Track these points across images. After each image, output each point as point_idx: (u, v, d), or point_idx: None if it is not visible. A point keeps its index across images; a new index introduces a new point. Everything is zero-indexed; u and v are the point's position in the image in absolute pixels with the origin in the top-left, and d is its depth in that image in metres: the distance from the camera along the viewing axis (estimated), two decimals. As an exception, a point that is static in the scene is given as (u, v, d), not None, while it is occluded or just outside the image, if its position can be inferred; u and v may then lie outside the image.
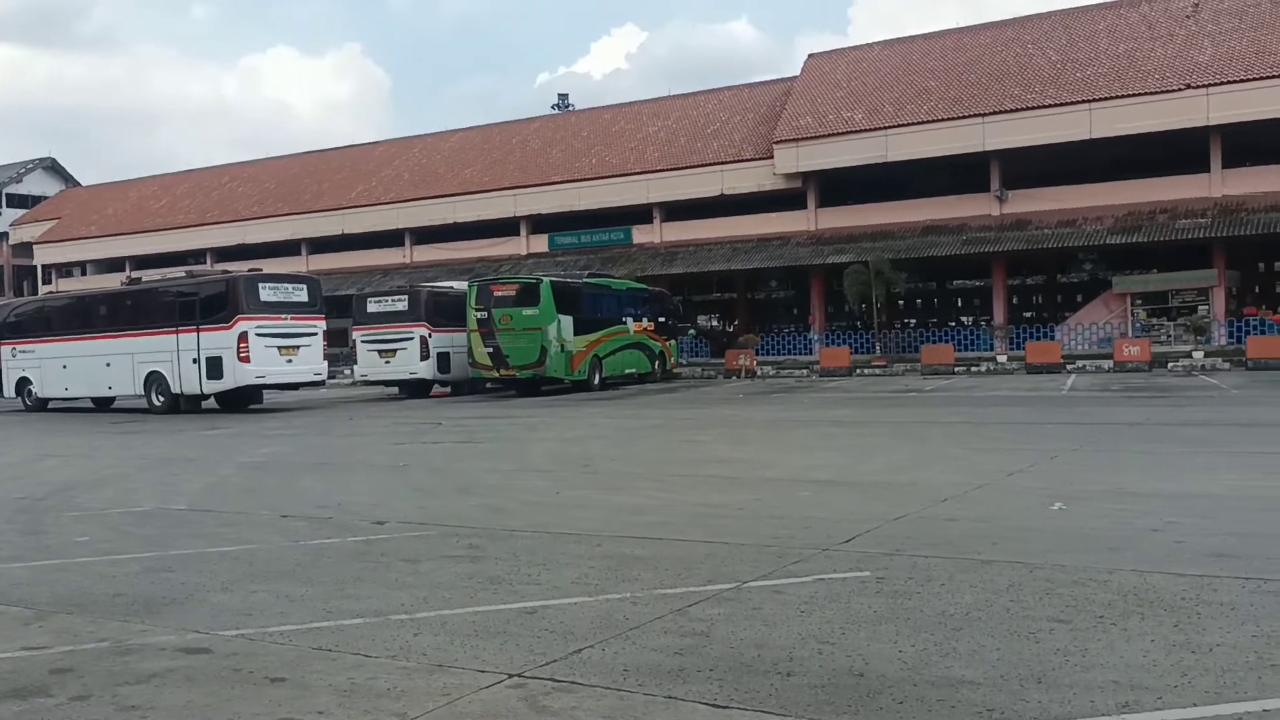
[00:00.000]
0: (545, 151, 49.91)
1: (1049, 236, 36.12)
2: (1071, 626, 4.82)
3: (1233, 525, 7.18)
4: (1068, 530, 7.15)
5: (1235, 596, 5.27)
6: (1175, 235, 34.00)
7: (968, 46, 42.00)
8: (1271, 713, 3.70)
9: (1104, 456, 11.47)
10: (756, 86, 48.46)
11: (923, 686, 4.09)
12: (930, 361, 33.18)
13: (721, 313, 51.82)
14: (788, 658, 4.49)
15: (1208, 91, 34.16)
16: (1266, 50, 34.64)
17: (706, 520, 8.03)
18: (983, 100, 38.42)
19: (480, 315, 27.43)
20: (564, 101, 64.52)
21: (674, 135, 46.82)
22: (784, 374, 35.14)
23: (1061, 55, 38.98)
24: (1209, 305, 35.05)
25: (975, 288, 43.63)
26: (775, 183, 41.89)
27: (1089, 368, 30.91)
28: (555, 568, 6.48)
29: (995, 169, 38.29)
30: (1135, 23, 39.01)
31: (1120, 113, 35.18)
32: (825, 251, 39.81)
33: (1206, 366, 29.76)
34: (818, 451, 12.97)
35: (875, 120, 40.04)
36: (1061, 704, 3.84)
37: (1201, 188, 35.24)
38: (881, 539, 7.01)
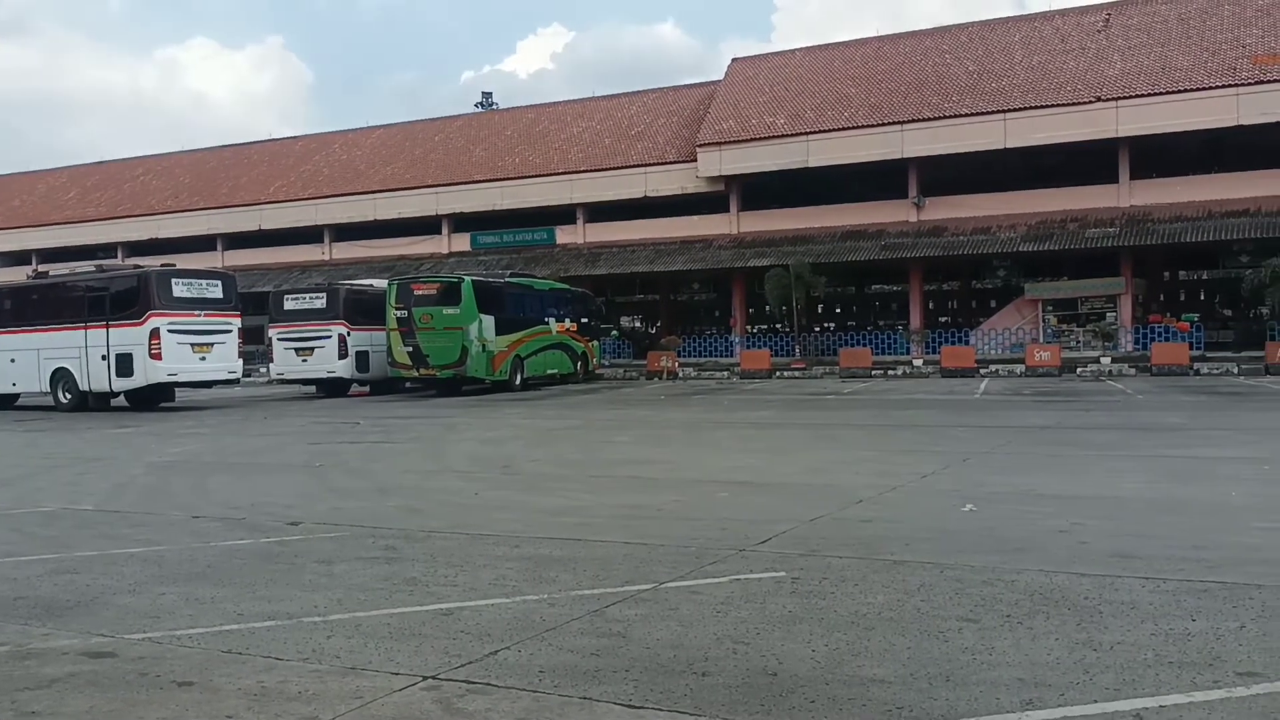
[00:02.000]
0: (468, 150, 49.60)
1: (964, 243, 36.85)
2: (980, 625, 4.93)
3: (1135, 526, 7.40)
4: (978, 531, 7.31)
5: (1136, 596, 5.43)
6: (1085, 243, 34.95)
7: (888, 55, 42.69)
8: (1168, 708, 3.82)
9: (1014, 459, 11.74)
10: (681, 89, 48.71)
11: (834, 685, 4.15)
12: (848, 365, 33.63)
13: (644, 314, 51.93)
14: (703, 658, 4.53)
15: (1117, 104, 35.16)
16: (1172, 66, 35.76)
17: (625, 521, 8.05)
18: (902, 108, 39.08)
19: (400, 314, 27.16)
20: (488, 100, 64.09)
21: (598, 136, 46.83)
22: (705, 376, 35.35)
23: (978, 66, 39.82)
24: (1116, 312, 36.07)
25: (893, 292, 44.31)
26: (698, 186, 42.14)
27: (1002, 372, 31.60)
28: (473, 569, 6.45)
29: (913, 176, 38.98)
30: (1049, 36, 40.01)
31: (1034, 123, 36.05)
32: (747, 255, 40.13)
33: (1113, 372, 30.60)
34: (737, 453, 13.08)
35: (797, 126, 40.50)
36: (968, 702, 3.93)
37: (1110, 198, 36.26)
38: (797, 540, 7.10)
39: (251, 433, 18.02)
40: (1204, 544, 6.69)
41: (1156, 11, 38.82)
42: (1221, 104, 33.75)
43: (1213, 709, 3.80)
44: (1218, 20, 37.06)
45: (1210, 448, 12.32)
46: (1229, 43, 35.81)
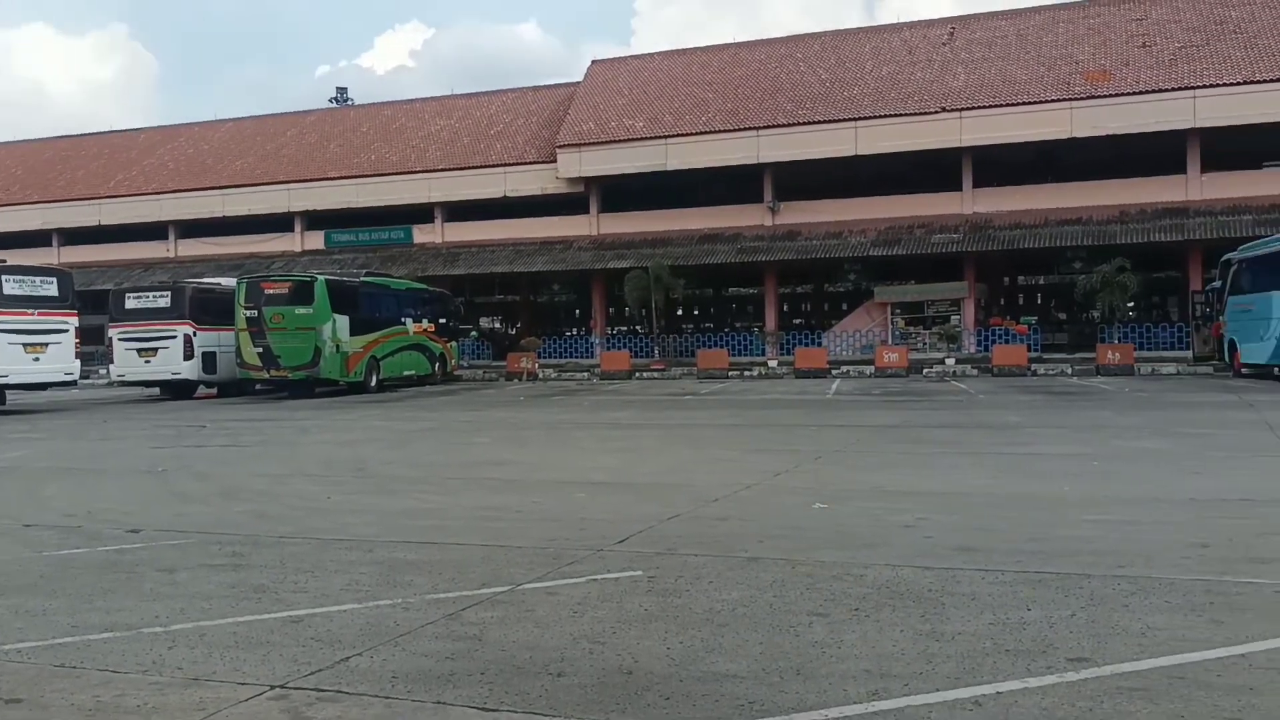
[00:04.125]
0: (323, 146, 48.47)
1: (817, 247, 37.78)
2: (829, 619, 5.06)
3: (977, 521, 7.69)
4: (829, 528, 7.49)
5: (976, 587, 5.65)
6: (931, 249, 36.25)
7: (744, 61, 43.46)
8: (1004, 694, 3.99)
9: (864, 457, 12.08)
10: (541, 90, 48.62)
11: (688, 682, 4.20)
12: (706, 366, 34.07)
13: (504, 315, 51.67)
14: (559, 658, 4.52)
15: (961, 115, 36.58)
16: (1012, 79, 37.40)
17: (482, 523, 7.98)
18: (758, 114, 39.85)
19: (250, 314, 26.36)
20: (343, 95, 62.69)
21: (457, 135, 46.37)
22: (565, 377, 35.33)
23: (831, 75, 40.89)
24: (960, 315, 37.51)
25: (749, 295, 45.12)
26: (558, 186, 42.16)
27: (852, 373, 32.47)
28: (324, 575, 6.30)
29: (769, 181, 39.79)
30: (897, 47, 41.36)
31: (883, 131, 37.24)
32: (607, 256, 40.30)
33: (957, 372, 31.78)
34: (596, 454, 13.11)
35: (656, 129, 40.89)
36: (817, 694, 4.03)
37: (955, 205, 37.71)
38: (654, 539, 7.16)
39: (90, 437, 17.21)
40: (1039, 537, 7.00)
41: (997, 26, 40.57)
42: (1056, 116, 35.48)
43: (1045, 694, 3.98)
44: (1053, 37, 38.94)
45: (1046, 445, 12.91)
46: (1063, 58, 37.66)
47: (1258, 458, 10.93)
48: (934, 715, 3.81)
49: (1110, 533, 7.09)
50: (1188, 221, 33.95)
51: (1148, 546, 6.61)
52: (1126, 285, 33.33)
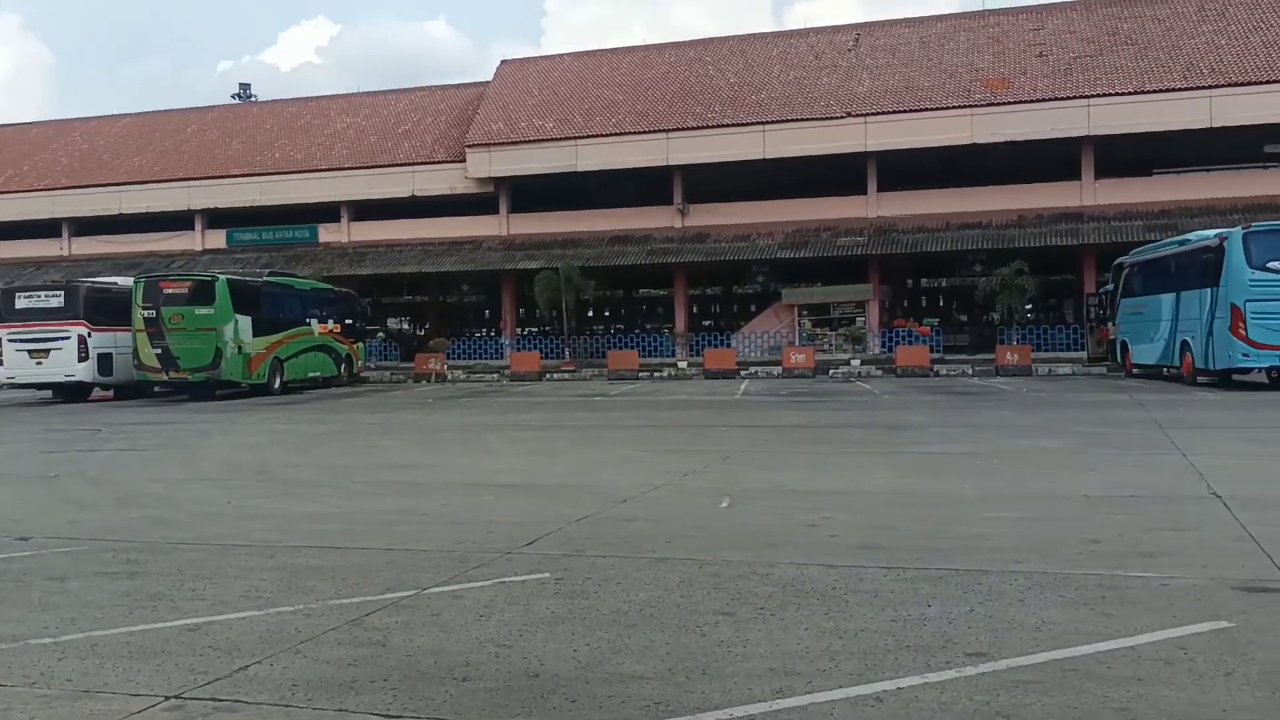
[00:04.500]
0: (225, 143, 47.42)
1: (726, 249, 38.11)
2: (735, 618, 5.10)
3: (880, 519, 7.83)
4: (736, 527, 7.56)
5: (879, 585, 5.74)
6: (837, 251, 36.83)
7: (654, 64, 43.65)
8: (904, 690, 4.06)
9: (771, 457, 12.21)
10: (450, 89, 48.23)
11: (595, 684, 4.19)
12: (616, 367, 34.11)
13: (412, 316, 51.11)
14: (464, 663, 4.48)
15: (865, 120, 37.25)
16: (915, 86, 38.18)
17: (388, 527, 7.88)
18: (667, 116, 40.07)
19: (148, 314, 25.65)
20: (246, 92, 61.31)
21: (364, 133, 45.75)
22: (475, 378, 35.07)
23: (739, 78, 41.29)
24: (865, 317, 38.16)
25: (660, 296, 45.32)
26: (468, 186, 41.88)
27: (761, 374, 32.79)
28: (223, 581, 6.15)
29: (678, 183, 40.02)
30: (804, 52, 41.93)
31: (790, 135, 37.73)
32: (517, 257, 40.14)
33: (862, 373, 32.31)
34: (504, 456, 13.03)
35: (565, 130, 40.86)
36: (722, 693, 4.05)
37: (860, 208, 38.36)
38: (562, 541, 7.14)
39: (-24, 442, 16.58)
40: (940, 534, 7.15)
41: (901, 34, 41.37)
42: (958, 123, 36.34)
43: (944, 688, 4.06)
44: (954, 44, 39.85)
45: (946, 444, 13.19)
46: (964, 66, 38.58)
47: (1147, 455, 11.30)
48: (836, 712, 3.86)
49: (1007, 529, 7.27)
50: (1082, 226, 35.03)
51: (1043, 542, 6.79)
52: (1024, 288, 34.23)
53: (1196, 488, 8.82)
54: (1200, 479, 9.26)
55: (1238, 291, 20.78)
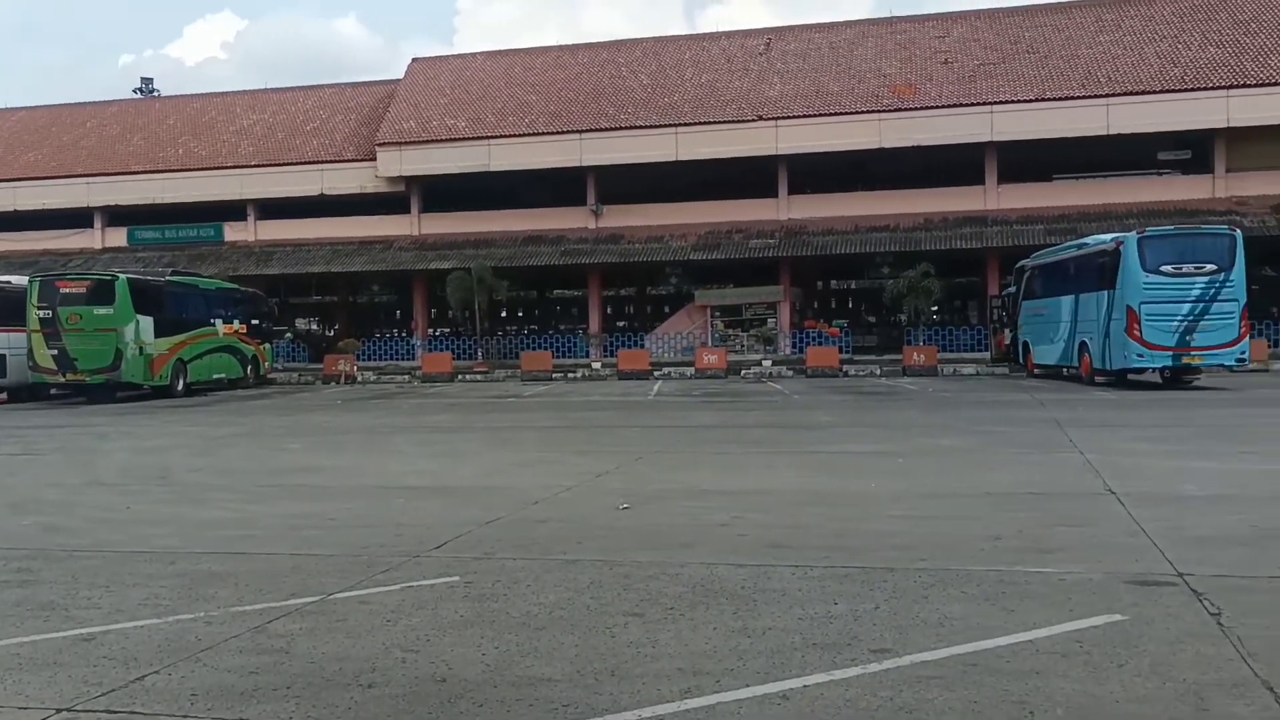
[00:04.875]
0: (125, 138, 46.11)
1: (640, 250, 38.21)
2: (644, 619, 5.11)
3: (789, 518, 7.92)
4: (647, 528, 7.57)
5: (787, 583, 5.81)
6: (749, 253, 37.16)
7: (567, 65, 43.58)
8: (811, 687, 4.11)
9: (682, 457, 12.27)
10: (360, 86, 47.51)
11: (503, 687, 4.17)
12: (530, 368, 33.97)
13: (321, 316, 50.21)
14: (370, 669, 4.42)
15: (776, 124, 37.67)
16: (825, 91, 38.72)
17: (294, 532, 7.74)
18: (580, 117, 40.05)
19: (44, 314, 24.82)
20: (149, 86, 59.62)
21: (271, 130, 44.89)
22: (385, 379, 34.63)
23: (652, 80, 41.44)
24: (776, 318, 38.57)
25: (574, 297, 45.20)
26: (378, 185, 41.36)
27: (674, 374, 32.94)
28: (120, 589, 5.98)
29: (592, 184, 40.01)
30: (716, 55, 42.24)
31: (703, 138, 37.98)
32: (429, 257, 39.76)
33: (773, 374, 32.63)
34: (415, 458, 12.89)
35: (478, 129, 40.60)
36: (631, 694, 4.06)
37: (771, 211, 38.77)
38: (473, 543, 7.08)
39: None
40: (847, 532, 7.26)
41: (811, 39, 41.91)
42: (866, 128, 36.94)
43: (849, 685, 4.12)
44: (863, 50, 40.50)
45: (854, 443, 13.40)
46: (873, 72, 39.23)
47: (1047, 454, 11.61)
48: (744, 711, 3.89)
49: (913, 527, 7.42)
50: (986, 229, 35.86)
51: (947, 540, 6.94)
52: (930, 290, 34.91)
53: (1093, 485, 9.08)
54: (1097, 476, 9.54)
55: (1133, 294, 21.47)
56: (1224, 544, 6.61)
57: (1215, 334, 21.28)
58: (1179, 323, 21.23)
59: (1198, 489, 8.76)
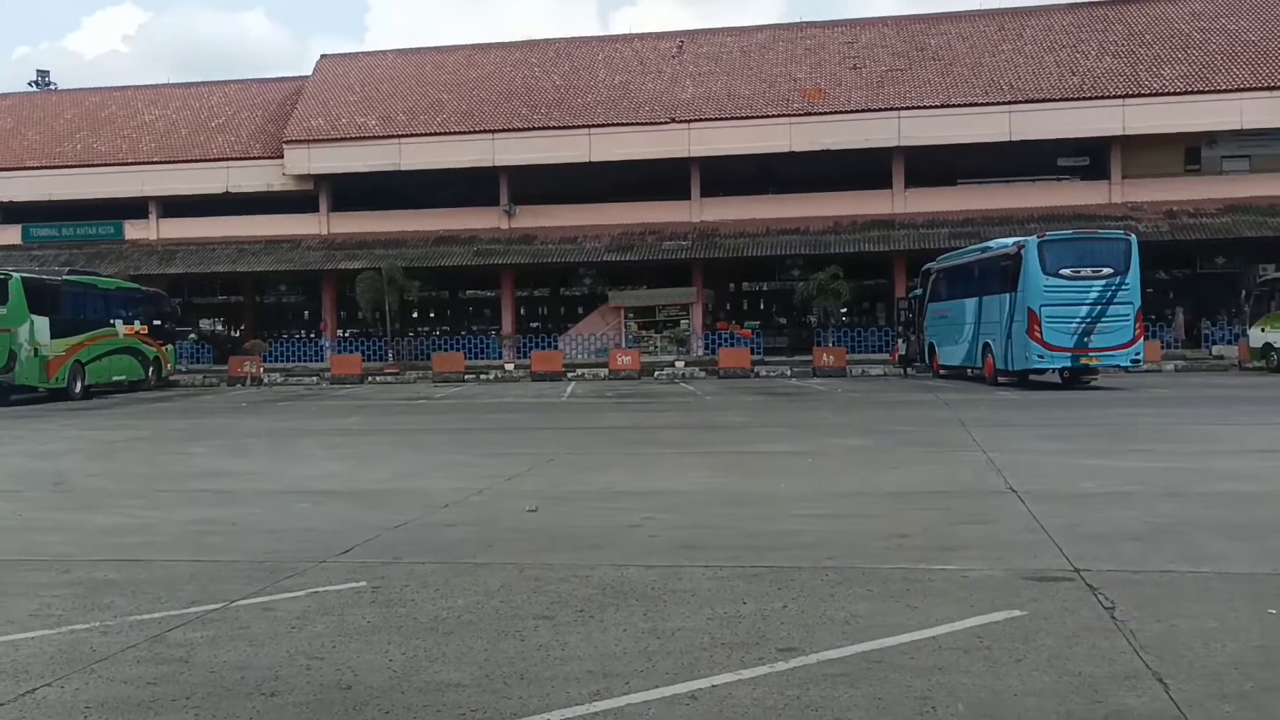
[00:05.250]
0: (19, 132, 44.59)
1: (553, 251, 38.13)
2: (554, 622, 5.10)
3: (699, 519, 7.96)
4: (558, 530, 7.56)
5: (697, 584, 5.84)
6: (662, 255, 37.33)
7: (480, 64, 43.29)
8: (719, 687, 4.14)
9: (595, 459, 12.27)
10: (267, 83, 46.61)
11: (410, 694, 4.12)
12: (442, 369, 33.66)
13: (227, 317, 49.13)
14: (273, 677, 4.34)
15: (689, 126, 37.89)
16: (736, 94, 39.07)
17: (196, 538, 7.55)
18: (493, 117, 39.82)
19: (-68, 314, 23.90)
20: (45, 79, 57.65)
21: (174, 126, 43.80)
22: (293, 381, 34.03)
23: (565, 81, 41.38)
24: (689, 319, 38.80)
25: (487, 298, 44.89)
26: (286, 184, 40.61)
27: (587, 375, 32.94)
28: (9, 599, 5.77)
29: (505, 184, 39.80)
30: (629, 57, 42.32)
31: (616, 139, 38.02)
32: (338, 257, 39.18)
33: (686, 375, 32.83)
34: (322, 461, 12.67)
35: (389, 128, 40.12)
36: (540, 698, 4.04)
37: (684, 213, 38.97)
38: (381, 548, 6.99)
39: None
40: (756, 532, 7.33)
41: (723, 42, 42.24)
42: (777, 131, 37.36)
43: (757, 684, 4.16)
44: (774, 54, 40.94)
45: (765, 443, 13.54)
46: (783, 76, 39.68)
47: (950, 453, 11.86)
48: (653, 712, 3.91)
49: (820, 526, 7.52)
50: (893, 233, 36.53)
51: (853, 538, 7.05)
52: (840, 292, 35.43)
53: (995, 483, 9.30)
54: (998, 475, 9.77)
55: (1034, 296, 22.05)
56: (1118, 540, 6.82)
57: (1112, 335, 21.95)
58: (1077, 325, 21.85)
59: (1094, 486, 9.03)
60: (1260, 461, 10.49)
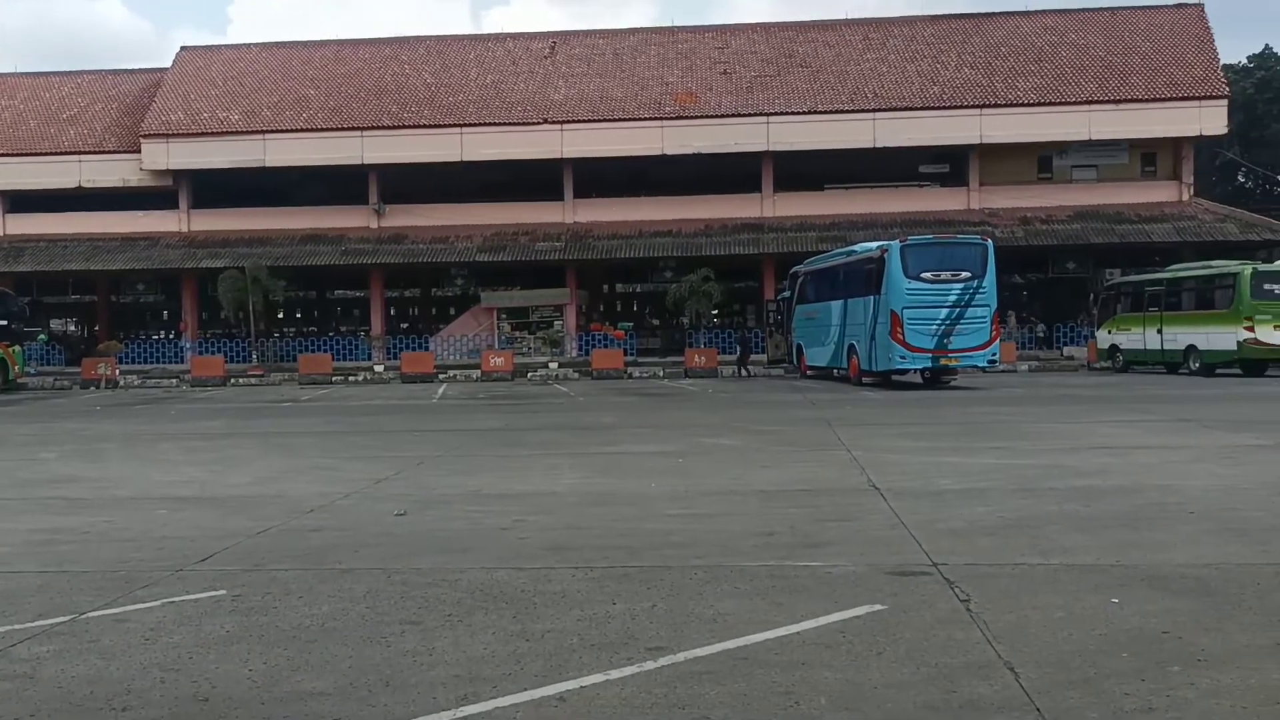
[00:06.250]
0: None
1: (424, 251, 37.68)
2: (422, 627, 5.03)
3: (569, 520, 7.96)
4: (427, 534, 7.46)
5: (566, 585, 5.84)
6: (535, 256, 37.26)
7: (348, 60, 42.48)
8: (588, 688, 4.15)
9: (466, 461, 12.14)
10: (123, 74, 44.90)
11: (271, 704, 4.02)
12: (308, 371, 32.93)
13: (80, 317, 47.10)
14: (125, 691, 4.18)
15: (562, 128, 37.90)
16: (609, 96, 39.23)
17: (44, 548, 7.21)
18: (362, 114, 39.15)
19: None
20: (-124, 64, 54.45)
21: (22, 117, 41.82)
22: (151, 384, 32.84)
23: (436, 79, 40.92)
24: (563, 320, 38.78)
25: (355, 298, 44.10)
26: (143, 179, 39.22)
27: (459, 377, 32.63)
28: None
29: (374, 182, 39.16)
30: (501, 57, 42.09)
31: (488, 139, 37.81)
32: (199, 255, 38.00)
33: (560, 376, 32.81)
34: (181, 466, 12.23)
35: (253, 123, 39.07)
36: (406, 704, 3.99)
37: (558, 214, 38.97)
38: (241, 555, 6.80)
39: None
40: (627, 532, 7.37)
41: (595, 44, 42.36)
42: (649, 134, 37.68)
43: (625, 684, 4.18)
44: (646, 58, 41.24)
45: (637, 444, 13.61)
46: (655, 79, 40.00)
47: (817, 451, 12.13)
48: (520, 715, 3.89)
49: (690, 525, 7.60)
50: (763, 236, 37.19)
51: (722, 537, 7.14)
52: (711, 294, 35.88)
53: (859, 481, 9.55)
54: (862, 472, 10.03)
55: (896, 299, 22.69)
56: (974, 534, 7.07)
57: (970, 337, 22.74)
58: (938, 326, 22.56)
59: (952, 483, 9.33)
60: (1106, 457, 10.99)
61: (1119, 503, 8.16)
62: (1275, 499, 8.26)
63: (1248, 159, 51.37)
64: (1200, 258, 31.69)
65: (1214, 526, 7.17)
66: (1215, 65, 38.54)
